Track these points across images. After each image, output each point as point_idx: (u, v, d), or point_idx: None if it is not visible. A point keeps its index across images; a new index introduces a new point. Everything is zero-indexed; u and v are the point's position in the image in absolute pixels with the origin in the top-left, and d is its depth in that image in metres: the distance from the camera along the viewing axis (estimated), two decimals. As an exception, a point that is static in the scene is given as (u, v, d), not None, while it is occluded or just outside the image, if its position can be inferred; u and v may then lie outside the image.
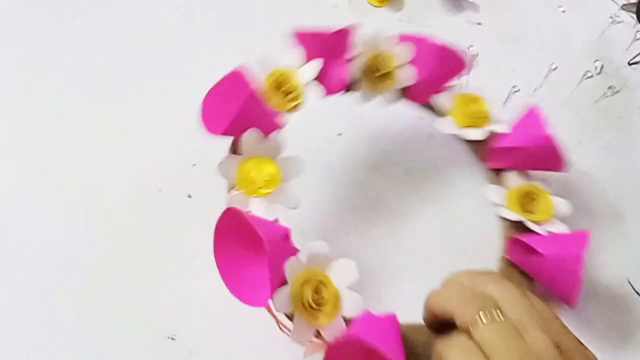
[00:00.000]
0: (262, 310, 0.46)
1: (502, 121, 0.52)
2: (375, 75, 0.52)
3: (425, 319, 0.41)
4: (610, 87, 0.62)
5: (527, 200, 0.49)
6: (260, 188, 0.44)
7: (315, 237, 0.52)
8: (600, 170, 0.58)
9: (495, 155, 0.51)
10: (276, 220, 0.44)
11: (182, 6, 0.64)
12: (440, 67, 0.52)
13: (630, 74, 0.64)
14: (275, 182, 0.44)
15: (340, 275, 0.42)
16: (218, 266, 0.40)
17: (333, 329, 0.41)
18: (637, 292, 0.52)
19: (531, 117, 0.51)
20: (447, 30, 0.65)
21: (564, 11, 0.67)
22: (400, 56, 0.52)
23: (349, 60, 0.51)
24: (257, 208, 0.43)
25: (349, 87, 0.52)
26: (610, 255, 0.54)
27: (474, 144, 0.52)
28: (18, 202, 0.52)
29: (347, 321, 0.41)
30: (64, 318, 0.48)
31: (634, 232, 0.55)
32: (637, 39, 0.65)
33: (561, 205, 0.49)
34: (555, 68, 0.62)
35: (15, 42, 0.61)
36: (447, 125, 0.52)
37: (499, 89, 0.61)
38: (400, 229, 0.53)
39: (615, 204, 0.56)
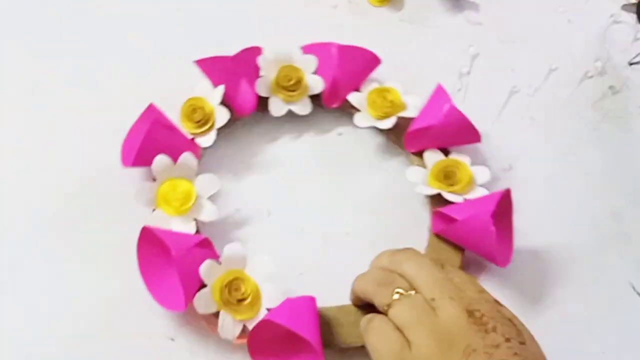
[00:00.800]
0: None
1: (412, 106, 0.55)
2: (286, 87, 0.55)
3: (352, 301, 0.46)
4: (610, 87, 0.62)
5: (448, 174, 0.52)
6: (177, 207, 0.48)
7: (316, 237, 0.52)
8: (600, 171, 0.58)
9: (411, 139, 0.54)
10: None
11: (182, 7, 0.64)
12: (350, 68, 0.56)
13: (630, 74, 0.64)
14: (189, 199, 0.49)
15: (258, 270, 0.46)
16: (143, 278, 0.45)
17: (258, 321, 0.45)
18: (637, 293, 0.52)
19: (437, 97, 0.54)
20: (447, 30, 0.65)
21: (564, 11, 0.67)
22: (306, 66, 0.57)
23: (256, 79, 0.55)
24: (177, 224, 0.49)
25: (262, 105, 0.55)
26: (610, 255, 0.54)
27: (394, 133, 0.55)
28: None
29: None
30: (63, 318, 0.48)
31: (634, 232, 0.55)
32: (638, 39, 0.65)
33: (481, 173, 0.53)
34: (555, 68, 0.62)
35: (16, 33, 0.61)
36: (362, 120, 0.55)
37: (499, 89, 0.61)
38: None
39: (615, 204, 0.56)
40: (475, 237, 0.48)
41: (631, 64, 0.64)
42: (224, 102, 0.54)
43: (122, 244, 0.47)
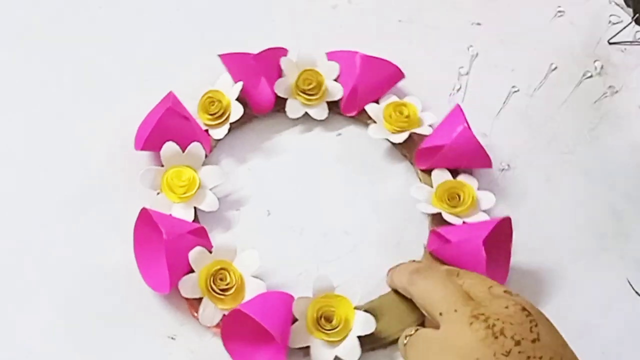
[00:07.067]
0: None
1: (427, 123, 0.56)
2: (305, 91, 0.56)
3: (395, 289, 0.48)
4: (610, 87, 0.62)
5: (452, 195, 0.52)
6: (179, 194, 0.50)
7: (315, 234, 0.52)
8: (600, 170, 0.58)
9: (421, 156, 0.55)
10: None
11: (182, 6, 0.64)
12: (371, 79, 0.56)
13: (629, 74, 0.64)
14: (191, 188, 0.50)
15: (246, 264, 0.47)
16: (135, 257, 0.47)
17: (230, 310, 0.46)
18: (637, 292, 0.52)
19: (453, 118, 0.54)
20: (447, 30, 0.65)
21: (563, 11, 0.67)
22: (328, 72, 0.57)
23: (277, 79, 0.56)
24: (177, 210, 0.50)
25: (280, 105, 0.57)
26: (610, 255, 0.54)
27: (405, 145, 0.56)
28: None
29: None
30: (63, 318, 0.48)
31: (634, 232, 0.55)
32: (637, 39, 0.65)
33: (485, 198, 0.53)
34: (555, 68, 0.62)
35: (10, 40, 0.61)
36: (376, 132, 0.56)
37: (499, 89, 0.61)
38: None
39: (615, 204, 0.56)
40: (466, 261, 0.48)
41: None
42: (242, 98, 0.55)
43: (126, 229, 0.48)
